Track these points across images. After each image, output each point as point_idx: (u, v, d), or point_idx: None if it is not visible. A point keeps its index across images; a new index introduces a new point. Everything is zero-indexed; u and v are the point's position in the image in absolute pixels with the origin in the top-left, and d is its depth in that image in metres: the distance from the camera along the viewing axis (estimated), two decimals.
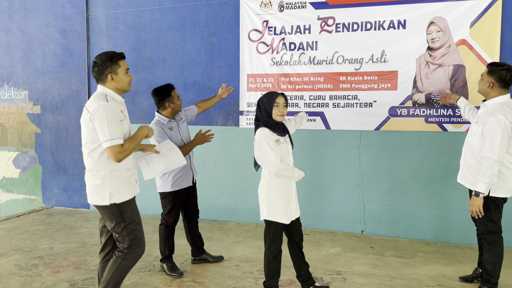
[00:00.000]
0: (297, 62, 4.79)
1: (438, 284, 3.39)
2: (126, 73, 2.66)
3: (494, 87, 3.07)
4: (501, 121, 2.90)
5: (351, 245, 4.36)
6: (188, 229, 3.71)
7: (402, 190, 4.59)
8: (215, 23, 5.11)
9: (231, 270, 3.66)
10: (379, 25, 4.53)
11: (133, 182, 2.71)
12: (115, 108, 2.52)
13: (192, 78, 5.25)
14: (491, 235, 3.07)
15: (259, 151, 2.85)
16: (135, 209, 2.70)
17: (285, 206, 2.89)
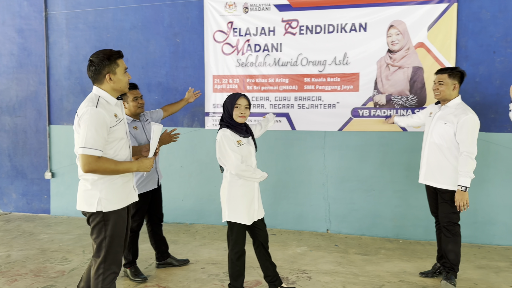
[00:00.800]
0: (262, 63, 4.82)
1: (399, 280, 3.50)
2: (125, 73, 2.50)
3: (456, 88, 3.29)
4: (475, 119, 3.15)
5: (317, 244, 4.42)
6: (152, 233, 3.65)
7: (365, 189, 4.70)
8: (179, 23, 5.06)
9: (197, 273, 3.63)
10: (341, 28, 4.62)
11: (128, 189, 2.55)
12: (104, 114, 2.35)
13: (156, 78, 5.18)
14: (454, 226, 3.27)
15: (220, 151, 2.87)
16: (122, 221, 2.49)
17: (247, 207, 2.90)
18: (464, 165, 3.13)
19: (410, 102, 4.50)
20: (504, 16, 4.23)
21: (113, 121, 2.41)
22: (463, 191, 3.13)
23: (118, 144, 2.46)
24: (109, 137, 2.40)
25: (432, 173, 3.34)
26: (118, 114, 2.49)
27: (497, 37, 4.26)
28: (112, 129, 2.40)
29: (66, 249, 4.23)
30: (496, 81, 4.28)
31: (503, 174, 4.31)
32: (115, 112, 2.46)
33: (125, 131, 2.53)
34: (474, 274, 3.61)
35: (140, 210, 3.45)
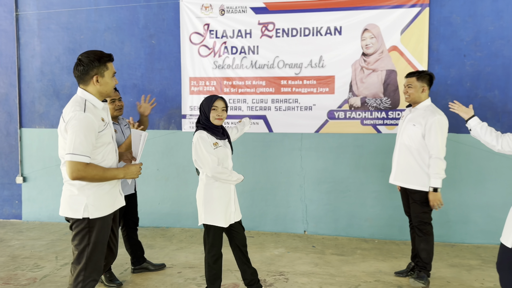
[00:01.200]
0: (239, 65, 4.82)
1: (375, 280, 3.55)
2: (113, 77, 2.44)
3: (425, 90, 3.37)
4: (442, 120, 3.22)
5: (294, 245, 4.44)
6: (127, 238, 3.59)
7: (341, 190, 4.75)
8: (154, 25, 5.01)
9: (173, 277, 3.59)
10: (317, 31, 4.67)
11: (115, 194, 2.49)
12: (93, 119, 2.29)
13: (131, 80, 5.11)
14: (426, 226, 3.34)
15: (196, 153, 2.86)
16: (107, 228, 2.42)
17: (223, 209, 2.89)
18: (433, 166, 3.21)
19: (384, 105, 4.58)
20: (473, 21, 4.36)
21: (101, 126, 2.34)
22: (435, 192, 3.21)
23: (105, 149, 2.40)
24: (97, 142, 2.33)
25: (402, 173, 3.41)
26: (105, 118, 2.42)
27: (467, 41, 4.39)
28: (100, 134, 2.33)
29: (38, 255, 4.12)
30: (467, 84, 4.41)
31: (474, 175, 4.43)
32: (102, 116, 2.39)
33: (111, 135, 2.48)
34: (447, 272, 3.70)
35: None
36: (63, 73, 5.21)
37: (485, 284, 3.40)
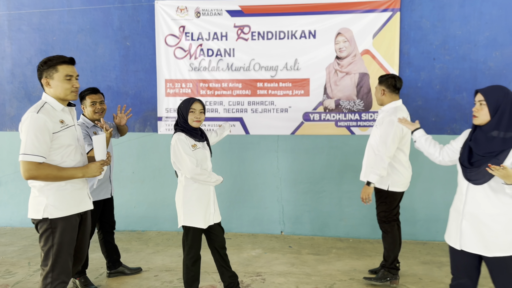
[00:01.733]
0: (216, 68, 4.83)
1: (350, 278, 3.63)
2: (66, 80, 2.41)
3: (385, 93, 3.46)
4: (393, 122, 3.26)
5: (271, 246, 4.49)
6: (103, 241, 3.56)
7: (317, 190, 4.83)
8: (129, 26, 4.97)
9: (150, 281, 3.58)
10: (292, 35, 4.74)
11: (81, 196, 2.50)
12: (46, 120, 2.30)
13: (105, 82, 5.05)
14: (383, 224, 3.47)
15: (175, 155, 2.87)
16: (72, 229, 2.42)
17: (203, 210, 2.91)
18: (374, 162, 3.32)
19: (358, 107, 4.69)
20: (442, 25, 4.52)
21: (57, 127, 2.36)
22: (367, 185, 3.32)
23: (65, 151, 2.41)
24: (54, 143, 2.35)
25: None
26: (66, 120, 2.44)
27: (436, 45, 4.54)
28: (56, 135, 2.35)
29: (10, 261, 4.02)
30: (436, 86, 4.56)
31: (443, 174, 4.57)
32: (61, 118, 2.41)
33: (74, 137, 2.48)
34: (419, 269, 3.82)
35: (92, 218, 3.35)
36: (35, 75, 5.03)
37: None
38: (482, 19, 4.45)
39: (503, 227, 2.22)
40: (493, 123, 2.23)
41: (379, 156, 3.30)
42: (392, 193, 3.41)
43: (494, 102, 2.22)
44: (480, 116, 2.27)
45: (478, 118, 2.28)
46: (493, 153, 2.20)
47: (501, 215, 2.22)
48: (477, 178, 2.26)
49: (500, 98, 2.22)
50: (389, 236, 3.46)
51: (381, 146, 3.31)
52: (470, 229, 2.29)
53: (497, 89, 2.27)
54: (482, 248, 2.26)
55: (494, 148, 2.21)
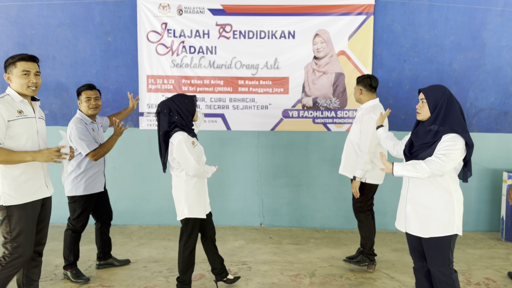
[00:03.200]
0: (198, 65, 4.95)
1: (329, 264, 3.88)
2: (23, 75, 2.60)
3: (363, 92, 3.70)
4: (373, 118, 3.50)
5: (252, 237, 4.68)
6: (99, 232, 3.64)
7: (295, 184, 5.06)
8: (111, 22, 5.00)
9: (140, 271, 3.68)
10: (272, 34, 4.93)
11: (37, 185, 2.68)
12: (1, 108, 2.51)
13: (86, 77, 5.04)
14: (359, 214, 3.74)
15: (179, 155, 2.92)
16: (28, 216, 2.62)
17: (202, 202, 3.07)
18: (358, 158, 3.59)
19: (334, 105, 4.95)
20: (412, 29, 4.85)
21: (13, 116, 2.55)
22: (354, 180, 3.60)
23: (20, 139, 2.59)
24: (10, 131, 2.55)
25: (348, 165, 3.75)
26: (25, 111, 2.63)
27: (406, 48, 4.87)
28: (11, 123, 2.54)
29: None
30: (406, 86, 4.89)
31: None
32: (19, 109, 2.61)
33: (32, 128, 2.65)
34: (391, 256, 4.13)
35: (86, 211, 3.43)
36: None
37: None
38: (448, 24, 4.82)
39: (438, 211, 2.49)
40: (431, 118, 2.49)
41: (362, 152, 3.55)
42: (369, 185, 3.67)
43: (433, 100, 2.48)
44: (422, 112, 2.54)
45: (420, 114, 2.56)
46: (428, 144, 2.47)
47: (436, 199, 2.50)
48: None
49: (438, 96, 2.48)
50: (365, 225, 3.73)
51: (362, 142, 3.55)
52: (412, 213, 2.58)
53: (436, 88, 2.53)
54: (420, 230, 2.55)
55: (428, 140, 2.47)
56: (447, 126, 2.43)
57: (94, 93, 3.54)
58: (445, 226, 2.48)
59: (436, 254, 2.52)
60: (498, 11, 4.79)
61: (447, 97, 2.47)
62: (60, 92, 5.04)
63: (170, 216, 5.10)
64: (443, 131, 2.43)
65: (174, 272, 3.65)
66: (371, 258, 3.72)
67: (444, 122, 2.44)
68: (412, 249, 2.70)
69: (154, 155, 5.09)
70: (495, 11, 4.79)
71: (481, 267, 3.86)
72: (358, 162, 3.57)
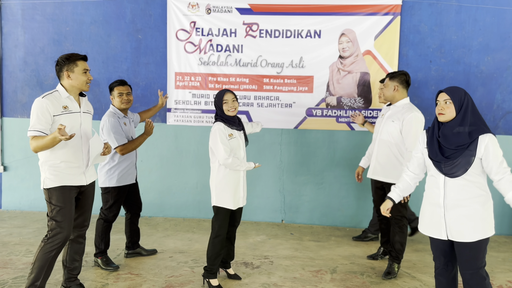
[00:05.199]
0: (224, 63, 5.06)
1: (350, 262, 3.94)
2: (84, 73, 2.89)
3: (398, 89, 3.58)
4: (419, 117, 3.43)
5: (274, 233, 4.78)
6: (129, 222, 3.81)
7: (317, 182, 5.12)
8: (141, 20, 5.16)
9: (166, 261, 3.82)
10: (298, 34, 4.99)
11: (74, 173, 2.90)
12: (47, 104, 2.76)
13: (117, 73, 5.23)
14: (402, 220, 3.59)
15: (212, 142, 3.15)
16: (65, 197, 2.86)
17: (232, 193, 3.19)
18: (407, 159, 3.40)
19: (358, 104, 4.98)
20: (439, 30, 4.83)
21: (58, 111, 2.80)
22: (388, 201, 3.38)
23: None
24: (55, 125, 2.78)
25: (381, 169, 3.62)
26: (70, 107, 2.88)
27: (433, 48, 4.86)
28: (56, 118, 2.78)
29: (28, 242, 4.21)
30: (432, 87, 4.88)
31: None
32: (65, 104, 2.85)
33: (76, 122, 2.89)
34: (413, 256, 4.14)
35: (118, 201, 3.59)
36: (47, 64, 5.25)
37: None
38: (476, 25, 4.78)
39: (480, 212, 2.44)
40: (458, 119, 2.45)
41: (410, 153, 3.32)
42: None
43: (459, 100, 2.46)
44: (447, 113, 2.48)
45: (445, 115, 2.48)
46: (464, 146, 2.41)
47: (477, 200, 2.44)
48: (453, 172, 2.45)
49: (462, 96, 2.47)
50: (404, 232, 3.59)
51: (411, 143, 3.36)
52: (455, 218, 2.48)
53: (458, 89, 2.52)
54: (467, 235, 2.44)
55: (463, 141, 2.42)
56: (478, 125, 2.44)
57: (126, 89, 3.70)
58: (486, 228, 2.46)
59: (474, 257, 2.46)
60: None
61: (469, 98, 2.50)
62: (92, 87, 5.23)
63: (194, 210, 5.25)
64: (477, 130, 2.43)
65: (199, 263, 3.78)
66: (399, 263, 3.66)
67: (473, 122, 2.45)
68: (440, 254, 2.61)
69: (180, 150, 5.24)
70: None
71: (504, 270, 3.84)
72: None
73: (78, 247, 3.06)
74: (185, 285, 3.33)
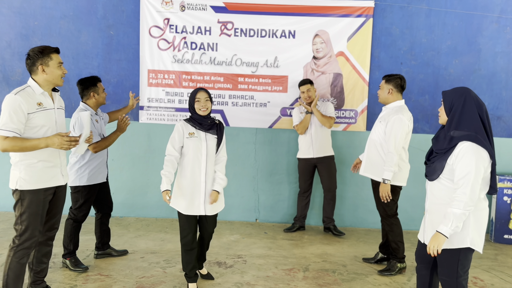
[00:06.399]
0: (198, 61, 5.02)
1: (323, 260, 3.98)
2: (59, 67, 2.76)
3: (392, 92, 3.64)
4: (402, 119, 3.47)
5: (248, 232, 4.77)
6: (99, 222, 3.71)
7: (291, 181, 5.15)
8: (113, 16, 5.05)
9: (137, 262, 3.75)
10: (273, 33, 5.00)
11: (51, 173, 2.78)
12: (21, 101, 2.60)
13: (87, 70, 5.10)
14: (389, 218, 3.65)
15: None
16: (39, 201, 2.72)
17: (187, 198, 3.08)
18: (386, 160, 3.51)
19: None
20: (410, 33, 4.94)
21: (33, 109, 2.64)
22: (384, 183, 3.50)
23: (40, 131, 2.69)
24: (29, 123, 2.65)
25: (371, 166, 3.69)
26: (45, 103, 2.72)
27: (404, 50, 4.97)
28: (31, 116, 2.63)
29: None
30: None
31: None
32: (39, 101, 2.69)
33: (51, 119, 2.76)
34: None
35: (88, 201, 3.50)
36: (14, 59, 5.07)
37: (414, 263, 3.96)
38: (445, 29, 4.92)
39: None
40: (448, 122, 2.38)
41: (390, 153, 3.45)
42: (399, 187, 3.61)
43: (449, 102, 2.38)
44: (441, 115, 2.47)
45: (440, 118, 2.48)
46: (443, 150, 2.35)
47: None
48: (430, 174, 2.44)
49: (455, 99, 2.36)
50: (396, 229, 3.63)
51: (391, 143, 3.46)
52: (429, 223, 2.49)
53: (456, 90, 2.41)
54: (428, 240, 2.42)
55: (444, 146, 2.35)
56: (462, 130, 2.30)
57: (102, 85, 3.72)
58: (456, 239, 2.34)
59: (444, 265, 2.42)
60: (494, 17, 4.90)
61: (465, 100, 2.33)
62: None
63: (167, 210, 5.18)
64: (461, 137, 2.29)
65: (171, 263, 3.73)
66: (403, 261, 3.70)
67: (458, 126, 2.31)
68: (418, 256, 2.61)
69: (153, 149, 5.16)
70: (491, 18, 4.90)
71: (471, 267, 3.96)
72: (387, 164, 3.47)
73: (46, 249, 2.95)
74: (156, 286, 3.28)
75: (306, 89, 4.59)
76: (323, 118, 4.52)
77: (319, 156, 4.64)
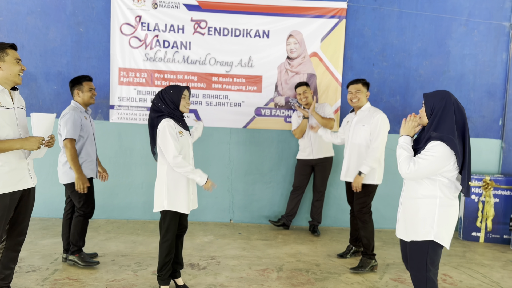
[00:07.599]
0: (171, 60, 4.94)
1: (296, 260, 3.98)
2: (17, 63, 2.63)
3: (367, 95, 3.88)
4: (385, 117, 3.69)
5: (222, 232, 4.73)
6: (68, 223, 3.60)
7: (265, 181, 5.14)
8: (83, 12, 4.91)
9: (107, 265, 3.65)
10: (247, 33, 4.98)
11: (19, 176, 2.65)
12: None
13: (56, 68, 4.95)
14: (365, 215, 3.76)
15: (161, 140, 2.91)
16: (5, 205, 2.60)
17: (186, 196, 3.01)
18: (368, 155, 3.63)
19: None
20: (382, 34, 5.02)
21: None
22: (360, 175, 3.65)
23: (2, 131, 2.55)
24: None
25: (354, 170, 3.75)
26: (3, 102, 2.58)
27: (376, 52, 5.04)
28: None
29: None
30: (374, 89, 5.06)
31: None
32: None
33: (11, 119, 2.62)
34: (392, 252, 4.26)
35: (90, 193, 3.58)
36: None
37: (386, 261, 4.03)
38: (415, 31, 5.02)
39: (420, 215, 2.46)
40: (428, 124, 2.45)
41: (374, 148, 3.60)
42: (375, 186, 3.74)
43: (430, 105, 2.45)
44: (422, 117, 2.53)
45: (421, 119, 2.54)
46: (419, 150, 2.44)
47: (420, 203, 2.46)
48: None
49: (436, 101, 2.43)
50: (369, 226, 3.75)
51: (378, 139, 3.61)
52: (401, 216, 2.59)
53: (437, 93, 2.48)
54: (404, 233, 2.56)
55: (420, 145, 2.46)
56: (438, 132, 2.37)
57: (93, 84, 3.71)
58: (421, 231, 2.44)
59: (412, 258, 2.50)
60: (463, 20, 5.03)
61: (445, 103, 2.41)
62: (28, 81, 4.91)
63: (139, 211, 5.08)
64: (435, 137, 2.37)
65: (143, 266, 3.65)
66: (373, 258, 3.76)
67: (437, 128, 2.39)
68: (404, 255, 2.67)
69: (124, 149, 5.05)
70: (460, 21, 5.03)
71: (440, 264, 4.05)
72: (369, 159, 3.61)
73: (14, 255, 2.80)
74: None
75: (302, 91, 4.63)
76: (323, 120, 4.51)
77: (318, 157, 4.71)
